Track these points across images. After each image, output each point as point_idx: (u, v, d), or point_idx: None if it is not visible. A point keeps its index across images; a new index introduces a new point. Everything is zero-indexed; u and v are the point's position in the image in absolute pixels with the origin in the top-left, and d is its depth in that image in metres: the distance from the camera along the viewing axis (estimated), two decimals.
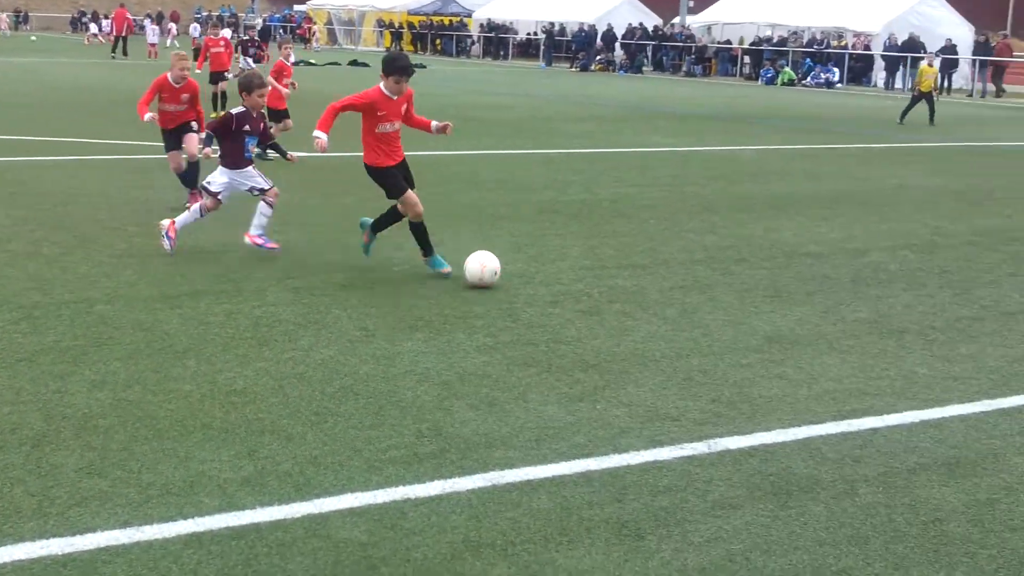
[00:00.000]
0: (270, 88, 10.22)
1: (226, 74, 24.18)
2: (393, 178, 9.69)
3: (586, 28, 61.35)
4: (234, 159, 10.57)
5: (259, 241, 10.46)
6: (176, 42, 67.94)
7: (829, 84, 48.77)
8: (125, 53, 53.21)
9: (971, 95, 46.07)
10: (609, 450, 5.94)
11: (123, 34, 54.39)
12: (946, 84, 47.19)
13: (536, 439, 6.08)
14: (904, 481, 5.65)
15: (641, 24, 61.32)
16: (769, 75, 50.58)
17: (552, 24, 64.29)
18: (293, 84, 18.33)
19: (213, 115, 24.35)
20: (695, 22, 60.62)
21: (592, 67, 58.38)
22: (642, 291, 9.52)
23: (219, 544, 4.73)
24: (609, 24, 60.70)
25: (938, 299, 9.61)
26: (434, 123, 9.86)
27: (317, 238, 11.46)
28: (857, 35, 51.74)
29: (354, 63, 54.16)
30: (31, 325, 8.00)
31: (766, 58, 52.50)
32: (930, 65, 29.77)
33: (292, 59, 18.39)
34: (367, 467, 5.61)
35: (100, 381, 6.80)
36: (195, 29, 61.56)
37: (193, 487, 5.30)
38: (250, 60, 31.74)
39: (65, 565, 4.51)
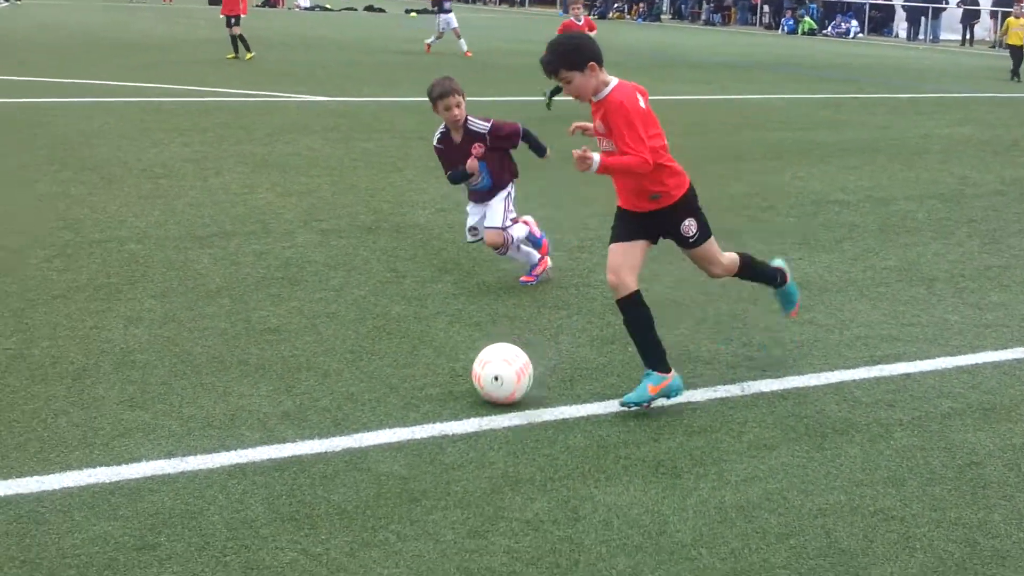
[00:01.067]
0: (454, 96, 7.72)
1: (233, 19, 25.27)
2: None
3: None
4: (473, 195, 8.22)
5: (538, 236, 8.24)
6: None
7: (848, 34, 48.40)
8: None
9: (994, 47, 45.62)
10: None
11: None
12: (968, 36, 46.85)
13: (570, 379, 6.11)
14: (939, 425, 5.67)
15: None
16: (790, 24, 50.19)
17: None
18: None
19: (229, 56, 24.77)
20: None
21: (610, 15, 57.99)
22: None
23: (263, 475, 4.78)
24: None
25: (967, 248, 9.57)
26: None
27: (340, 181, 11.45)
28: None
29: (370, 8, 53.83)
30: (64, 263, 8.04)
31: (786, 7, 52.07)
32: (1017, 17, 28.90)
33: (581, 19, 18.59)
34: (404, 404, 5.65)
35: (136, 318, 6.84)
36: None
37: (234, 420, 5.34)
38: (451, 17, 29.17)
39: (113, 492, 4.56)
